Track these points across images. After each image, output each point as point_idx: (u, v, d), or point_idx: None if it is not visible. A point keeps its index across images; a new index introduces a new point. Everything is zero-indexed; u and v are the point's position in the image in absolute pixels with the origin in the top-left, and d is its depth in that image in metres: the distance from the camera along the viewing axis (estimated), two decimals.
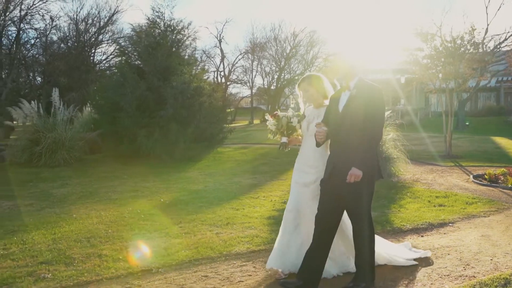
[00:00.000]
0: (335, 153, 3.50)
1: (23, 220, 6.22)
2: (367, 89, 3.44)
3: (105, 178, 10.86)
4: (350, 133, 3.37)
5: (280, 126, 3.97)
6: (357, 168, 3.28)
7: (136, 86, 13.13)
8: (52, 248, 4.63)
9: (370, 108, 3.36)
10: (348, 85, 3.52)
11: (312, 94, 3.87)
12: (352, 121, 3.38)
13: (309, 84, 3.88)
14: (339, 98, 3.56)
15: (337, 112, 3.50)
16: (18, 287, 3.59)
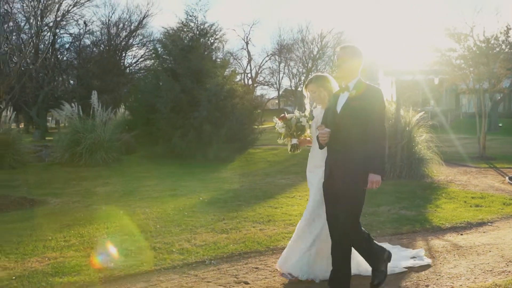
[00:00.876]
0: (332, 156, 3.48)
1: (75, 216, 6.59)
2: (366, 90, 3.41)
3: (143, 177, 11.25)
4: (349, 135, 3.35)
5: (290, 127, 3.94)
6: (375, 174, 3.26)
7: (171, 88, 13.53)
8: (108, 241, 4.94)
9: (369, 109, 3.33)
10: (347, 86, 3.49)
11: (319, 95, 3.85)
12: (350, 122, 3.36)
13: (316, 85, 3.86)
14: (337, 99, 3.54)
15: (335, 113, 3.48)
16: (85, 274, 3.89)
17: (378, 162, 3.31)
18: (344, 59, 3.49)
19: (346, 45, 3.62)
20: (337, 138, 3.38)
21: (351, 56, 3.48)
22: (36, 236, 5.22)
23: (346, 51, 3.52)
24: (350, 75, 3.49)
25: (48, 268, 4.07)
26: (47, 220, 6.26)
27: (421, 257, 4.16)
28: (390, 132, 10.18)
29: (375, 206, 6.95)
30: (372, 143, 3.30)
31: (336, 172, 3.40)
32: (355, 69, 3.50)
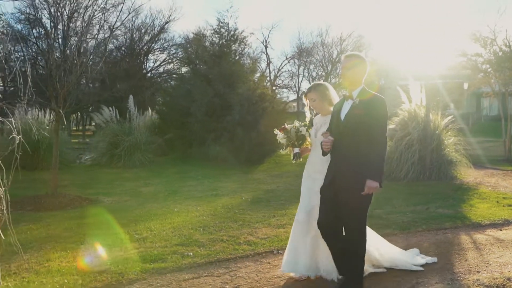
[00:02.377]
0: (336, 162, 3.53)
1: (134, 213, 7.14)
2: (369, 99, 3.45)
3: (181, 178, 11.81)
4: (352, 142, 3.40)
5: (290, 138, 4.03)
6: (373, 180, 3.30)
7: (205, 93, 14.09)
8: (177, 234, 5.47)
9: (371, 117, 3.38)
10: (351, 94, 3.54)
11: (318, 103, 3.92)
12: (354, 130, 3.40)
13: (315, 93, 3.93)
14: (341, 106, 3.58)
15: (339, 121, 3.52)
16: (170, 261, 4.42)
17: (375, 169, 3.34)
18: (349, 68, 3.54)
19: (351, 54, 3.67)
20: (341, 145, 3.44)
21: (355, 65, 3.54)
22: (110, 230, 5.78)
23: (351, 60, 3.57)
24: (354, 84, 3.55)
25: (136, 256, 4.61)
26: (111, 216, 6.79)
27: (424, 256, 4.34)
28: (420, 136, 10.61)
29: (412, 205, 7.38)
30: (372, 150, 3.34)
31: (339, 178, 3.45)
32: (359, 77, 3.54)
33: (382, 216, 6.48)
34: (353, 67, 3.53)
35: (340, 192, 3.43)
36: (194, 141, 14.42)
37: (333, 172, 3.51)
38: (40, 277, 3.98)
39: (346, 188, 3.39)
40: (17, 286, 3.73)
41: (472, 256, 4.33)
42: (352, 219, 3.45)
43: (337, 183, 3.46)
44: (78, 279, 3.91)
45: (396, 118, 11.46)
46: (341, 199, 3.43)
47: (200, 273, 4.11)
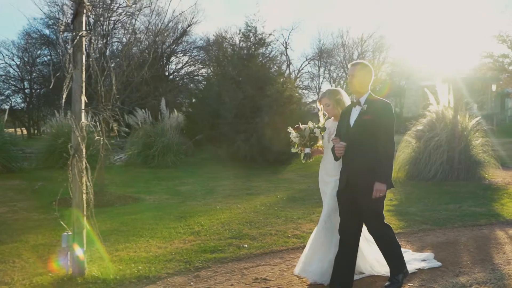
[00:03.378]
0: (348, 166, 3.65)
1: (179, 209, 7.58)
2: (377, 104, 3.60)
3: (214, 178, 12.26)
4: (362, 147, 3.53)
5: (303, 137, 4.13)
6: (381, 182, 3.46)
7: (235, 95, 14.52)
8: (227, 229, 5.89)
9: (381, 122, 3.52)
10: (358, 101, 3.66)
11: (332, 108, 4.04)
12: (363, 136, 3.53)
13: (329, 98, 4.06)
14: (350, 113, 3.71)
15: (349, 127, 3.64)
16: (228, 252, 4.83)
17: (383, 172, 3.49)
18: (355, 75, 3.67)
19: (357, 62, 3.82)
20: (351, 150, 3.56)
21: (362, 72, 3.68)
22: (163, 225, 6.22)
23: (357, 68, 3.70)
24: (361, 90, 3.68)
25: (194, 247, 5.03)
26: (159, 212, 7.28)
27: (431, 260, 4.43)
28: (448, 137, 10.85)
29: (444, 204, 7.66)
30: (380, 154, 3.49)
31: (353, 181, 3.57)
32: (366, 84, 3.68)
33: (417, 213, 6.78)
34: (359, 74, 3.67)
35: (356, 194, 3.57)
36: (224, 142, 14.86)
37: (347, 176, 3.63)
38: (115, 264, 4.43)
39: (360, 190, 3.53)
40: (101, 272, 4.18)
41: (510, 250, 4.65)
42: (371, 215, 3.60)
43: (351, 186, 3.59)
44: (151, 267, 4.34)
45: (424, 120, 11.69)
46: (358, 200, 3.57)
47: (258, 262, 4.51)
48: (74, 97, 3.91)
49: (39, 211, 7.85)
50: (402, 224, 6.08)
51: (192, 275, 4.19)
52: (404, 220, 6.34)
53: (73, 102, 3.92)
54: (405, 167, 11.38)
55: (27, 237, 5.75)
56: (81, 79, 3.91)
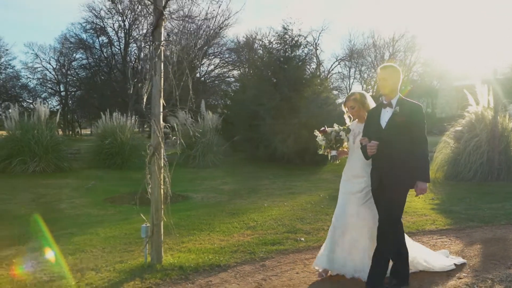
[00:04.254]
0: (380, 167, 3.72)
1: (228, 207, 7.96)
2: (409, 107, 3.69)
3: (254, 177, 12.62)
4: (395, 147, 3.61)
5: (330, 140, 4.20)
6: (423, 182, 3.62)
7: (272, 97, 14.87)
8: (280, 224, 6.22)
9: (415, 124, 3.62)
10: (389, 102, 3.74)
11: (357, 110, 4.14)
12: (396, 136, 3.61)
13: (354, 100, 4.15)
14: (379, 114, 3.77)
15: (380, 128, 3.71)
16: (287, 244, 5.17)
17: (424, 172, 3.64)
18: (386, 78, 3.74)
19: (387, 65, 3.87)
20: (383, 151, 3.63)
21: (392, 75, 3.75)
22: (219, 220, 6.61)
23: (388, 71, 3.78)
24: (391, 93, 3.75)
25: (254, 240, 5.39)
26: (211, 209, 7.67)
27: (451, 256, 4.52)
28: (488, 137, 10.90)
29: (487, 203, 7.79)
30: (418, 154, 3.62)
31: (386, 180, 3.65)
32: (396, 86, 3.75)
33: (461, 212, 6.96)
34: (390, 77, 3.74)
35: (386, 192, 3.66)
36: (261, 143, 15.21)
37: (380, 175, 3.71)
38: (185, 254, 4.83)
39: (392, 188, 3.62)
40: (176, 260, 4.58)
41: None
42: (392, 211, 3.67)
43: (384, 184, 3.67)
44: (219, 257, 4.71)
45: (463, 120, 11.75)
46: (386, 197, 3.67)
47: (317, 254, 4.82)
48: (154, 101, 4.31)
49: (97, 207, 8.39)
50: (448, 221, 6.29)
51: (258, 264, 4.54)
52: (450, 217, 6.53)
53: (153, 105, 4.33)
54: (443, 167, 11.47)
55: (96, 230, 6.21)
56: (160, 85, 4.31)
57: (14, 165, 12.06)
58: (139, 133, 15.58)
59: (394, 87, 3.74)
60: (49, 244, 5.51)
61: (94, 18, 38.48)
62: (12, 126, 12.66)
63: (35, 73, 46.89)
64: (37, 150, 12.28)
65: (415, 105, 3.72)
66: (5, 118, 13.01)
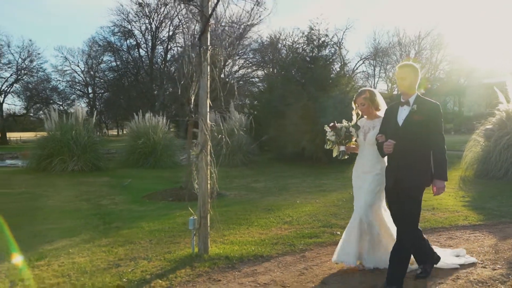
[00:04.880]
0: (396, 165, 3.75)
1: (261, 204, 8.23)
2: (427, 106, 3.70)
3: (283, 176, 12.87)
4: (412, 145, 3.64)
5: (339, 136, 4.30)
6: (441, 180, 3.65)
7: (299, 97, 15.08)
8: (315, 219, 6.47)
9: (432, 122, 3.64)
10: (407, 101, 3.76)
11: (367, 107, 4.20)
12: (414, 134, 3.63)
13: (364, 98, 4.21)
14: (396, 112, 3.80)
15: (397, 126, 3.73)
16: (324, 237, 5.41)
17: (442, 170, 3.66)
18: (404, 77, 3.76)
19: (405, 64, 3.88)
20: (401, 148, 3.64)
21: (411, 74, 3.76)
22: (255, 216, 6.90)
23: (405, 70, 3.79)
24: (409, 91, 3.78)
25: (291, 233, 5.65)
26: (246, 206, 7.96)
27: (466, 256, 4.50)
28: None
29: None
30: (435, 152, 3.65)
31: (403, 177, 3.67)
32: (414, 85, 3.78)
33: (494, 209, 7.06)
34: (409, 76, 3.75)
35: (404, 189, 3.68)
36: (289, 143, 15.43)
37: (395, 174, 3.73)
38: (229, 246, 5.12)
39: (409, 184, 3.65)
40: (221, 250, 4.88)
41: None
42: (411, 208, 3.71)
43: (400, 182, 3.70)
44: (260, 248, 4.99)
45: (493, 118, 11.73)
46: (403, 194, 3.69)
47: None
48: (201, 102, 4.62)
49: (136, 204, 8.78)
50: (481, 217, 6.41)
51: (298, 255, 4.80)
52: (482, 214, 6.65)
53: (200, 105, 4.64)
54: (473, 166, 11.49)
55: (140, 224, 6.57)
56: (207, 86, 4.61)
57: (55, 164, 12.63)
58: (170, 133, 15.96)
59: (412, 86, 3.77)
60: (99, 236, 5.91)
61: (122, 21, 39.41)
62: (52, 127, 13.25)
63: (64, 76, 48.35)
64: (76, 150, 12.85)
65: (432, 104, 3.74)
66: (45, 119, 13.61)
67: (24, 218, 7.27)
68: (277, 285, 3.94)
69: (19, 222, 6.99)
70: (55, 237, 5.97)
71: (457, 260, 4.37)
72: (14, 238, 5.95)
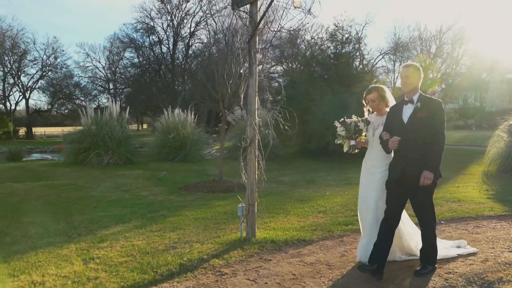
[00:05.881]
0: (403, 159, 3.92)
1: (293, 195, 8.71)
2: (430, 103, 3.90)
3: (309, 170, 13.32)
4: (417, 141, 3.82)
5: (349, 131, 4.40)
6: (430, 171, 3.77)
7: (324, 93, 15.47)
8: (347, 209, 6.89)
9: (434, 120, 3.82)
10: (411, 99, 3.95)
11: (377, 104, 4.34)
12: (418, 131, 3.82)
13: (375, 94, 4.35)
14: (401, 110, 3.98)
15: (402, 123, 3.92)
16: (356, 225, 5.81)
17: (433, 162, 3.81)
18: (408, 76, 3.97)
19: (409, 64, 4.09)
20: (407, 144, 3.84)
21: (415, 74, 3.98)
22: (290, 206, 7.38)
23: (410, 70, 3.99)
24: (413, 90, 3.98)
25: (328, 221, 6.10)
26: (279, 197, 8.44)
27: (466, 246, 4.65)
28: None
29: None
30: (431, 146, 3.81)
31: (410, 171, 3.85)
32: (417, 84, 3.98)
33: None
34: (413, 76, 3.97)
35: (410, 184, 3.86)
36: (313, 138, 15.84)
37: (403, 167, 3.90)
38: (272, 231, 5.59)
39: (415, 181, 3.82)
40: (267, 235, 5.36)
41: None
42: (425, 201, 3.96)
43: (406, 177, 3.88)
44: (302, 233, 5.45)
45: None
46: (411, 191, 3.90)
47: None
48: (250, 100, 5.10)
49: (174, 195, 9.32)
50: (506, 208, 6.76)
51: (337, 240, 5.25)
52: (507, 205, 6.99)
53: (249, 103, 5.11)
54: (496, 161, 11.72)
55: (184, 213, 7.10)
56: (255, 86, 5.08)
57: (91, 157, 13.28)
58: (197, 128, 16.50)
59: (416, 85, 3.96)
60: (149, 222, 6.45)
61: (145, 18, 40.13)
62: (88, 122, 13.90)
63: (86, 72, 49.43)
64: (111, 144, 13.47)
65: (435, 101, 3.95)
66: (82, 115, 14.27)
67: (76, 207, 7.88)
68: (322, 264, 4.39)
69: (71, 210, 7.60)
70: (109, 223, 6.52)
71: (458, 250, 4.54)
72: (72, 223, 6.56)
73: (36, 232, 6.10)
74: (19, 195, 9.09)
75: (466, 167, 12.79)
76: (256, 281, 3.94)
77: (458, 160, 14.25)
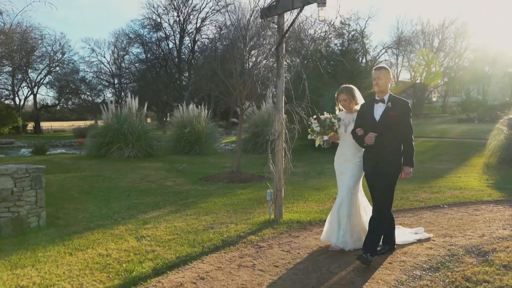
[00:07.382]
0: (376, 152, 4.27)
1: (307, 185, 9.44)
2: (399, 103, 4.27)
3: (318, 162, 14.02)
4: (388, 137, 4.19)
5: (323, 126, 4.72)
6: (409, 166, 4.22)
7: (332, 88, 16.16)
8: None
9: (402, 116, 4.21)
10: (382, 99, 4.29)
11: (348, 103, 4.70)
12: (389, 128, 4.19)
13: (346, 94, 4.71)
14: (372, 108, 4.33)
15: (374, 121, 4.27)
16: None
17: (410, 158, 4.23)
18: (380, 78, 4.29)
19: (380, 66, 4.40)
20: (378, 140, 4.20)
21: (386, 76, 4.31)
22: (307, 193, 8.14)
23: (382, 72, 4.32)
24: (384, 90, 4.31)
25: None
26: (294, 186, 9.15)
27: (423, 233, 5.06)
28: None
29: None
30: (406, 143, 4.23)
31: (382, 164, 4.24)
32: (387, 85, 4.33)
33: None
34: (384, 77, 4.29)
35: (381, 174, 4.26)
36: None
37: (375, 160, 4.29)
38: (296, 214, 6.36)
39: (386, 171, 4.23)
40: (292, 216, 6.12)
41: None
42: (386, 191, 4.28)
43: (379, 168, 4.27)
44: (323, 216, 6.16)
45: None
46: (381, 179, 4.27)
47: (404, 215, 6.23)
48: (278, 99, 5.84)
49: (197, 184, 10.06)
50: (503, 194, 7.50)
51: None
52: (504, 192, 7.72)
53: (277, 101, 5.86)
54: (497, 153, 12.40)
55: (211, 200, 7.86)
56: (282, 87, 5.81)
57: (113, 150, 14.06)
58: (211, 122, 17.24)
59: (386, 85, 4.30)
60: (183, 208, 7.20)
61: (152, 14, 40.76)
62: (109, 117, 14.67)
63: (91, 66, 50.10)
64: (131, 138, 14.23)
65: (403, 101, 4.34)
66: (103, 110, 15.03)
67: (111, 195, 8.64)
68: None
69: (108, 198, 8.36)
70: (146, 209, 7.28)
71: (416, 236, 4.98)
72: (113, 209, 7.32)
73: (84, 217, 6.87)
74: (55, 185, 9.85)
75: (468, 159, 13.51)
76: (290, 252, 4.71)
77: (461, 152, 14.99)
